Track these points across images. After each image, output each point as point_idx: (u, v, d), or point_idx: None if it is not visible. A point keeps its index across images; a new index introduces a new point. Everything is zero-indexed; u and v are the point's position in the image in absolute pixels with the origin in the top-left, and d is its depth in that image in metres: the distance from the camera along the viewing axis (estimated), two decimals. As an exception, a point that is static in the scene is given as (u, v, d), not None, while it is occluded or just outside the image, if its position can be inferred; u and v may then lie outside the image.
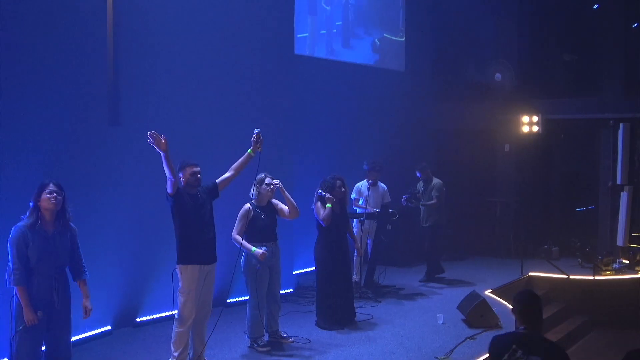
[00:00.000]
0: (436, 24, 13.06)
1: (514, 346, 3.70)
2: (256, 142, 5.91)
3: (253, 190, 6.61)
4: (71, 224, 4.94)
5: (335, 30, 11.27)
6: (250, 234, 6.50)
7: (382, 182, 9.39)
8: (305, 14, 10.53)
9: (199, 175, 5.73)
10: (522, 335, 3.79)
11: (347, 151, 10.59)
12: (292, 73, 9.04)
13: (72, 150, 6.49)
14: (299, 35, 10.10)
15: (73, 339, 6.51)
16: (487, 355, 5.18)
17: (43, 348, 4.87)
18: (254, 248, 6.39)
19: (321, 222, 7.30)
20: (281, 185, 6.51)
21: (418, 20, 12.66)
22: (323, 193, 7.33)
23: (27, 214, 4.81)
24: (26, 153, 6.01)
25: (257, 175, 6.54)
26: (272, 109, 8.53)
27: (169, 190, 5.61)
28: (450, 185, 10.25)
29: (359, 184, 9.37)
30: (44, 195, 4.78)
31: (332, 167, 8.98)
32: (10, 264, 4.72)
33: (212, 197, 5.88)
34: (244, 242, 6.39)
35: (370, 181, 9.25)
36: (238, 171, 5.98)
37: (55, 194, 4.79)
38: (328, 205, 7.27)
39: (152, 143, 5.39)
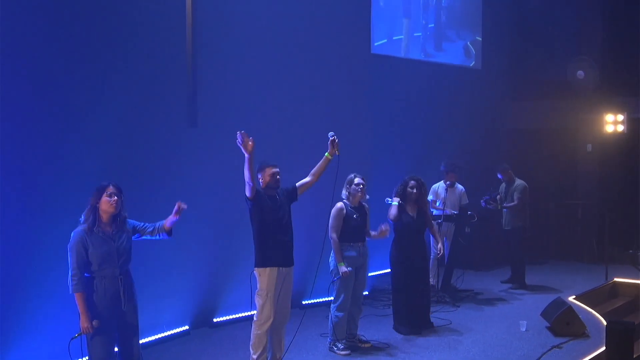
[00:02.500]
0: (513, 19, 12.70)
1: None
2: (332, 145, 5.80)
3: (344, 191, 6.62)
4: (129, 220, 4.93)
5: (428, 33, 11.30)
6: (341, 233, 6.47)
7: (460, 184, 9.17)
8: (400, 17, 10.65)
9: (278, 177, 5.67)
10: None
11: (424, 152, 10.41)
12: (368, 73, 8.91)
13: (152, 151, 6.54)
14: (394, 38, 10.37)
15: (151, 338, 6.60)
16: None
17: (116, 349, 4.87)
18: (342, 263, 6.35)
19: (390, 221, 7.16)
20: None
21: (495, 17, 12.35)
22: (389, 200, 7.24)
23: (83, 217, 4.76)
24: (105, 154, 6.06)
25: (347, 176, 6.57)
26: (350, 110, 8.43)
27: (247, 194, 5.55)
28: (529, 187, 9.93)
29: (435, 186, 9.17)
30: (104, 198, 4.73)
31: (410, 168, 8.83)
32: (69, 270, 4.67)
33: (291, 200, 5.81)
34: (338, 248, 6.38)
35: (447, 182, 9.04)
36: (317, 176, 5.88)
37: (115, 197, 4.75)
38: (394, 202, 7.16)
39: (239, 143, 5.30)
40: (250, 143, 5.32)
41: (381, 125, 9.65)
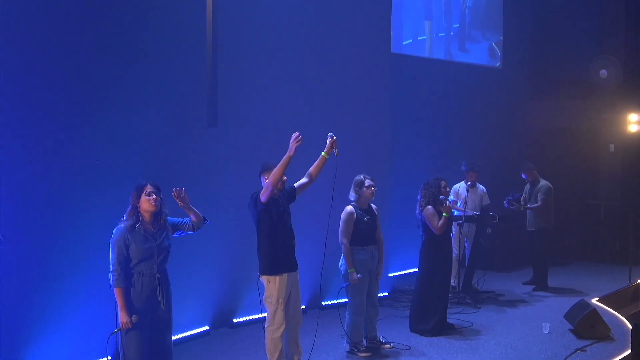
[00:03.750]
0: (535, 18, 12.57)
1: None
2: (332, 144, 5.60)
3: (352, 194, 6.48)
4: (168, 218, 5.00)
5: (452, 33, 11.27)
6: (352, 237, 6.36)
7: (481, 184, 9.08)
8: (421, 19, 10.66)
9: (285, 178, 5.55)
10: None
11: (444, 152, 10.33)
12: (389, 73, 8.83)
13: (172, 152, 6.54)
14: (419, 38, 10.43)
15: (173, 338, 6.60)
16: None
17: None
18: (353, 269, 6.26)
19: (434, 231, 6.95)
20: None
21: (516, 16, 12.23)
22: (442, 197, 7.01)
23: (125, 215, 4.87)
24: (125, 154, 6.07)
25: (355, 177, 6.45)
26: (371, 110, 8.38)
27: (264, 198, 5.44)
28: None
29: (456, 186, 9.08)
30: (144, 197, 4.84)
31: (430, 168, 8.76)
32: (111, 266, 4.79)
33: (290, 202, 5.72)
34: (349, 254, 6.28)
35: (468, 182, 8.95)
36: (314, 176, 5.73)
37: (154, 195, 4.84)
38: (445, 214, 6.93)
39: (293, 142, 5.22)
40: (298, 144, 5.26)
41: (402, 125, 9.59)
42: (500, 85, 11.73)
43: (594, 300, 8.48)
